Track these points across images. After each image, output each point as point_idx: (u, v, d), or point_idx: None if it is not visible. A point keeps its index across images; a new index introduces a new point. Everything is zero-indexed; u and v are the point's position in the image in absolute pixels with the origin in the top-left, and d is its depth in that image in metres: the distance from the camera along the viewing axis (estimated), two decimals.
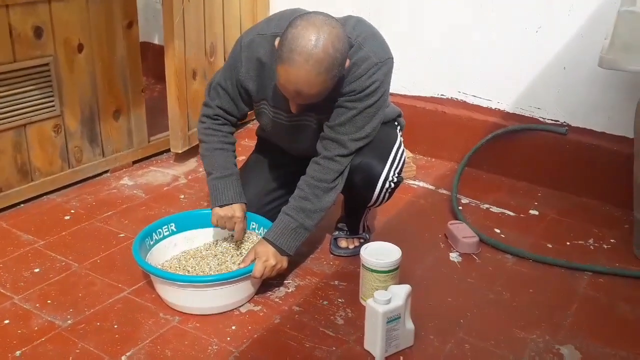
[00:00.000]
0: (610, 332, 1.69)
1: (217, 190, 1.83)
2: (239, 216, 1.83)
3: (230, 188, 1.83)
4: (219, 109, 1.85)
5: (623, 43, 1.74)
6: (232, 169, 1.86)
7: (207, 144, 1.87)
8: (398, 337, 1.55)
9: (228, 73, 1.81)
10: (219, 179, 1.84)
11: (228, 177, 1.84)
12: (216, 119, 1.87)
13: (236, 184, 1.85)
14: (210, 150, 1.87)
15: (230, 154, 1.89)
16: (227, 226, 1.84)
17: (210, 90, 1.87)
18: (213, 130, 1.87)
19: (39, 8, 2.16)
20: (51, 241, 2.04)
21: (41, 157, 2.30)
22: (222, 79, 1.83)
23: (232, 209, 1.83)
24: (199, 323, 1.66)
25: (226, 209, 1.82)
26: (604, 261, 2.02)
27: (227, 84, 1.82)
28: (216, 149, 1.86)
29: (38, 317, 1.68)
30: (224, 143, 1.87)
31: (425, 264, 1.98)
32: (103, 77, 2.44)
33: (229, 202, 1.82)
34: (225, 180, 1.84)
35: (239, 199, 1.84)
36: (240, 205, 1.84)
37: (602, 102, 2.38)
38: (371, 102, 1.71)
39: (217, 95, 1.85)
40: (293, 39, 1.52)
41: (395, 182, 1.82)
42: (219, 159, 1.86)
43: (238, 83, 1.80)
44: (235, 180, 1.86)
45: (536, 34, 2.44)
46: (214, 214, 1.84)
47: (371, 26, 1.75)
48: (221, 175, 1.84)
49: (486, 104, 2.64)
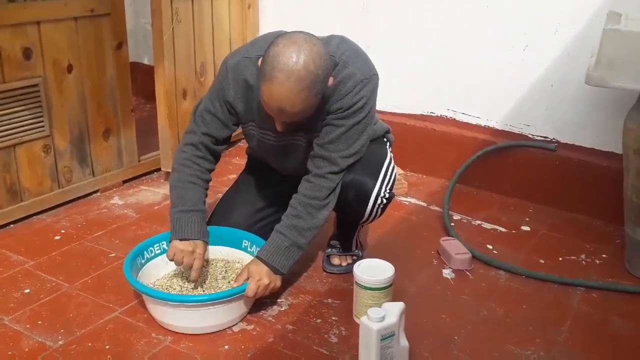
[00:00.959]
0: (604, 347, 1.69)
1: (181, 224, 1.75)
2: (200, 252, 1.75)
3: (195, 223, 1.76)
4: (205, 136, 1.81)
5: (608, 60, 1.77)
6: (200, 205, 1.80)
7: (180, 174, 1.81)
8: (392, 355, 1.54)
9: (215, 95, 1.80)
10: (186, 212, 1.76)
11: (195, 213, 1.77)
12: (199, 148, 1.82)
13: (203, 222, 1.78)
14: (183, 182, 1.80)
15: (202, 191, 1.82)
16: (184, 262, 1.74)
17: (196, 117, 1.83)
18: (191, 162, 1.81)
19: (28, 29, 2.16)
20: (41, 261, 2.02)
21: (31, 178, 2.28)
22: (209, 103, 1.81)
23: (195, 244, 1.75)
24: (192, 343, 1.65)
25: (187, 243, 1.74)
26: (597, 276, 2.03)
27: (216, 106, 1.80)
28: (189, 182, 1.80)
29: (29, 338, 1.65)
30: (198, 178, 1.81)
31: (419, 280, 1.98)
32: (93, 97, 2.43)
33: (192, 237, 1.75)
34: (192, 215, 1.76)
35: (203, 236, 1.77)
36: (203, 244, 1.77)
37: (590, 119, 2.41)
38: (359, 119, 1.72)
39: (203, 121, 1.81)
40: (274, 57, 1.53)
41: (387, 197, 1.82)
42: (190, 193, 1.79)
43: (227, 104, 1.79)
44: (202, 218, 1.79)
45: (524, 52, 2.47)
46: (172, 247, 1.74)
47: (354, 44, 1.77)
48: (188, 209, 1.77)
49: (475, 121, 2.66)
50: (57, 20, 2.24)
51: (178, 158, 1.84)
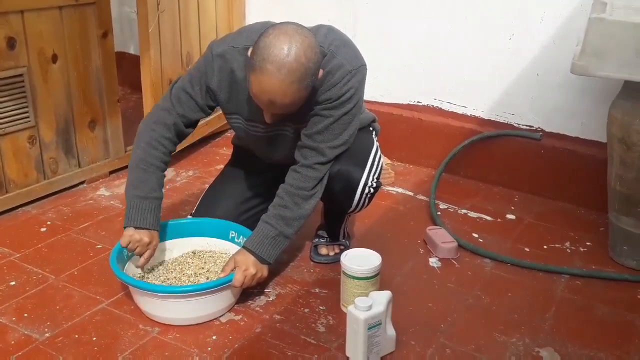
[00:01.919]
0: (589, 334, 1.71)
1: (139, 210, 1.74)
2: (155, 244, 1.77)
3: (153, 212, 1.75)
4: (179, 117, 1.78)
5: (593, 49, 1.77)
6: (159, 192, 1.78)
7: (146, 155, 1.76)
8: (379, 343, 1.55)
9: (196, 78, 1.77)
10: (144, 199, 1.74)
11: (153, 200, 1.76)
12: (170, 129, 1.78)
13: (158, 210, 1.77)
14: (146, 164, 1.76)
15: (163, 176, 1.80)
16: (138, 250, 1.74)
17: (171, 96, 1.79)
18: (159, 143, 1.77)
19: (12, 18, 2.14)
20: (27, 253, 2.01)
21: (16, 169, 2.26)
22: (189, 84, 1.77)
23: (150, 234, 1.75)
24: (179, 334, 1.65)
25: (144, 232, 1.74)
26: (581, 264, 2.05)
27: (195, 89, 1.77)
28: (153, 165, 1.77)
29: (14, 331, 1.65)
30: (162, 162, 1.79)
31: (405, 269, 1.99)
32: (78, 87, 2.41)
33: (147, 226, 1.74)
34: (150, 202, 1.75)
35: (157, 226, 1.77)
36: (157, 234, 1.78)
37: (575, 108, 2.42)
38: (347, 110, 1.71)
39: (179, 101, 1.78)
40: (265, 48, 1.52)
41: (374, 187, 1.83)
42: (152, 177, 1.76)
43: (208, 90, 1.77)
44: (158, 205, 1.77)
45: (509, 41, 2.48)
46: (126, 234, 1.73)
47: (343, 34, 1.76)
48: (147, 196, 1.75)
49: (462, 111, 2.67)
50: (41, 9, 2.22)
51: (145, 135, 1.78)
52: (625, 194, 1.95)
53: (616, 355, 1.62)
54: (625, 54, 1.73)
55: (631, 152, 1.89)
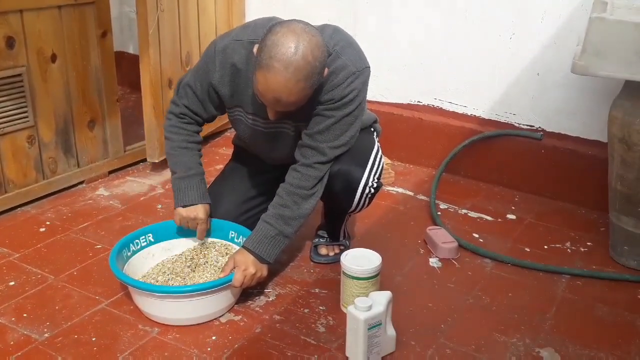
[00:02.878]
0: (589, 334, 1.70)
1: (180, 190, 1.83)
2: (202, 218, 1.84)
3: (193, 188, 1.83)
4: (186, 109, 1.84)
5: (594, 49, 1.77)
6: (196, 168, 1.86)
7: (172, 142, 1.86)
8: (379, 343, 1.55)
9: (199, 75, 1.79)
10: (183, 178, 1.83)
11: (192, 177, 1.83)
12: (182, 117, 1.85)
13: (200, 184, 1.85)
14: (175, 149, 1.85)
15: (196, 153, 1.88)
16: (189, 226, 1.85)
17: (179, 89, 1.85)
18: (179, 128, 1.86)
19: (11, 18, 2.13)
20: (26, 254, 2.01)
21: (15, 169, 2.26)
22: (192, 80, 1.81)
23: (196, 209, 1.83)
24: (179, 334, 1.65)
25: (189, 209, 1.83)
26: (581, 264, 2.05)
27: (197, 85, 1.80)
28: (181, 148, 1.85)
29: (14, 331, 1.64)
30: (188, 142, 1.86)
31: (405, 270, 1.99)
32: (77, 87, 2.41)
33: (192, 202, 1.82)
34: (188, 180, 1.83)
35: (202, 199, 1.84)
36: (204, 207, 1.85)
37: (576, 108, 2.42)
38: (349, 111, 1.71)
39: (186, 95, 1.83)
40: (273, 46, 1.52)
41: (375, 187, 1.82)
42: (183, 158, 1.85)
43: (210, 86, 1.78)
44: (200, 180, 1.85)
45: (510, 41, 2.47)
46: (176, 214, 1.84)
47: (348, 35, 1.76)
48: (185, 175, 1.83)
49: (462, 111, 2.66)
50: (41, 8, 2.21)
51: (166, 126, 1.88)
52: (626, 194, 1.95)
53: (616, 355, 1.62)
54: (626, 54, 1.73)
55: (632, 151, 1.88)
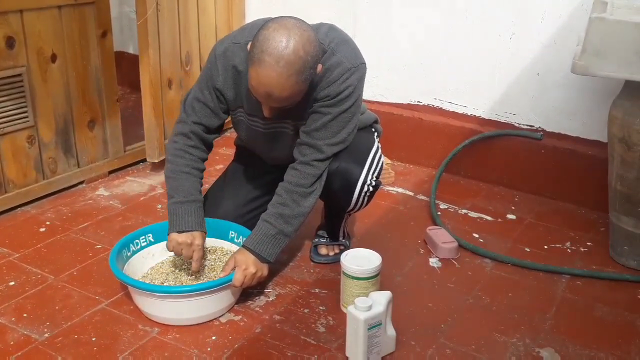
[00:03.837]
0: (589, 334, 1.70)
1: (177, 216, 1.74)
2: (199, 244, 1.74)
3: (192, 214, 1.75)
4: (196, 125, 1.80)
5: (594, 49, 1.77)
6: (196, 195, 1.78)
7: (174, 165, 1.79)
8: (379, 343, 1.55)
9: (204, 83, 1.79)
10: (181, 203, 1.75)
11: (191, 203, 1.76)
12: (190, 137, 1.80)
13: (199, 212, 1.77)
14: (176, 173, 1.78)
15: (197, 180, 1.81)
16: (184, 253, 1.74)
17: (186, 107, 1.82)
18: (184, 152, 1.80)
19: (11, 18, 2.13)
20: (26, 254, 2.01)
21: (15, 169, 2.26)
22: (199, 92, 1.79)
23: (192, 235, 1.73)
24: (179, 334, 1.65)
25: (185, 235, 1.73)
26: (581, 264, 2.04)
27: (205, 94, 1.79)
28: (183, 172, 1.78)
29: (14, 331, 1.64)
30: (192, 167, 1.80)
31: (405, 270, 1.99)
32: (77, 87, 2.41)
33: (189, 228, 1.73)
34: (187, 206, 1.75)
35: (199, 226, 1.76)
36: (201, 234, 1.76)
37: (576, 108, 2.42)
38: (346, 107, 1.71)
39: (193, 110, 1.80)
40: (264, 40, 1.53)
41: (373, 186, 1.82)
42: (184, 183, 1.77)
43: (216, 91, 1.78)
44: (198, 207, 1.77)
45: (510, 41, 2.47)
46: (170, 240, 1.74)
47: (343, 32, 1.76)
48: (184, 200, 1.75)
49: (462, 110, 2.66)
50: (41, 8, 2.21)
51: (170, 149, 1.82)
52: (625, 194, 1.95)
53: (616, 355, 1.62)
54: (626, 54, 1.73)
55: (632, 151, 1.88)
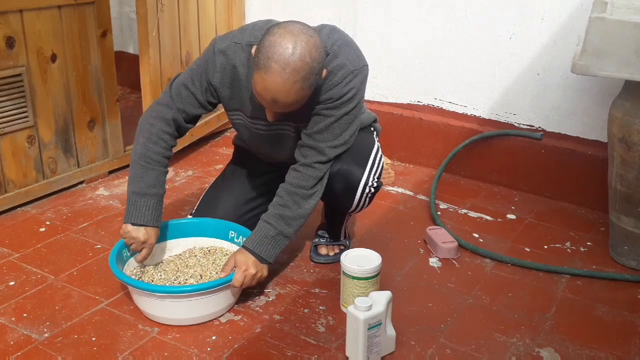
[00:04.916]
0: (589, 334, 1.70)
1: (136, 207, 1.74)
2: (151, 243, 1.76)
3: (150, 208, 1.74)
4: (179, 112, 1.78)
5: (594, 49, 1.77)
6: (158, 188, 1.77)
7: (147, 150, 1.75)
8: (379, 343, 1.55)
9: (197, 74, 1.76)
10: (142, 195, 1.74)
11: (152, 197, 1.75)
12: (170, 124, 1.78)
13: (158, 206, 1.76)
14: (147, 160, 1.75)
15: (163, 171, 1.79)
16: (133, 247, 1.76)
17: (172, 91, 1.79)
18: (159, 138, 1.76)
19: (11, 18, 2.13)
20: (26, 253, 2.01)
21: (15, 169, 2.26)
22: (190, 80, 1.77)
23: (147, 232, 1.74)
24: (179, 334, 1.65)
25: (140, 230, 1.73)
26: (581, 264, 2.05)
27: (196, 85, 1.76)
28: (154, 161, 1.76)
29: (14, 331, 1.64)
30: (163, 156, 1.78)
31: (405, 269, 1.99)
32: (77, 87, 2.41)
33: (145, 223, 1.74)
34: (147, 199, 1.74)
35: (155, 222, 1.76)
36: (155, 230, 1.77)
37: (576, 107, 2.42)
38: (348, 110, 1.71)
39: (179, 96, 1.77)
40: (270, 47, 1.52)
41: (375, 187, 1.82)
42: (151, 173, 1.75)
43: (210, 86, 1.76)
44: (158, 201, 1.77)
45: (510, 41, 2.47)
46: (125, 230, 1.74)
47: (345, 34, 1.76)
48: (146, 192, 1.74)
49: (462, 110, 2.66)
50: (41, 8, 2.21)
51: (145, 130, 1.77)
52: (625, 194, 1.95)
53: (616, 355, 1.62)
54: (626, 54, 1.73)
55: (632, 151, 1.88)
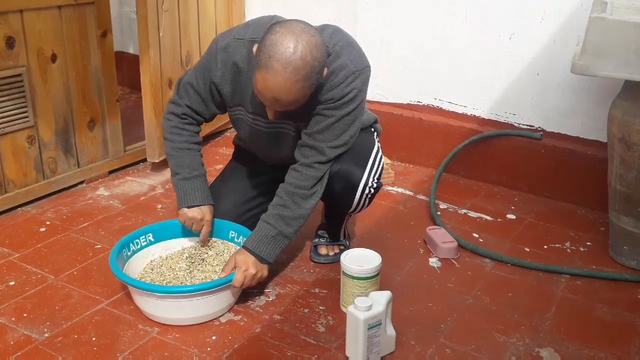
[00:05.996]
0: (589, 334, 1.70)
1: (185, 192, 1.84)
2: (208, 219, 1.86)
3: (198, 189, 1.84)
4: (188, 109, 1.84)
5: (594, 49, 1.77)
6: (199, 169, 1.87)
7: (173, 142, 1.86)
8: (379, 343, 1.55)
9: (201, 73, 1.79)
10: (187, 179, 1.84)
11: (196, 178, 1.85)
12: (184, 118, 1.85)
13: (203, 185, 1.86)
14: (177, 150, 1.86)
15: (197, 154, 1.88)
16: (194, 228, 1.86)
17: (179, 89, 1.85)
18: (179, 129, 1.86)
19: (11, 18, 2.13)
20: (26, 253, 2.01)
21: (15, 169, 2.26)
22: (194, 78, 1.81)
23: (202, 211, 1.85)
24: (179, 334, 1.65)
25: (195, 210, 1.84)
26: (581, 264, 2.05)
27: (199, 83, 1.80)
28: (183, 149, 1.85)
29: (14, 331, 1.64)
30: (190, 143, 1.86)
31: (405, 269, 1.99)
32: (77, 87, 2.41)
33: (197, 203, 1.84)
34: (193, 182, 1.84)
35: (207, 200, 1.86)
36: (209, 207, 1.87)
37: (575, 107, 2.42)
38: (349, 110, 1.71)
39: (187, 94, 1.83)
40: (272, 46, 1.52)
41: (375, 187, 1.83)
42: (186, 159, 1.85)
43: (212, 84, 1.78)
44: (203, 181, 1.87)
45: (510, 41, 2.47)
46: (182, 214, 1.85)
47: (348, 35, 1.76)
48: (189, 176, 1.84)
49: (462, 111, 2.66)
50: (41, 8, 2.22)
51: (166, 126, 1.87)
52: (625, 194, 1.95)
53: (616, 355, 1.62)
54: (626, 54, 1.73)
55: (631, 151, 1.89)
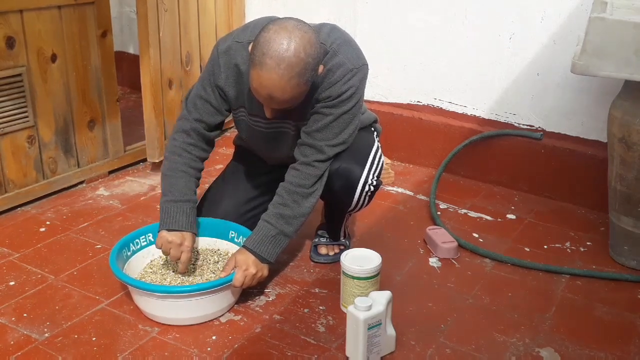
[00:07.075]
0: (589, 334, 1.70)
1: (169, 214, 1.73)
2: (188, 245, 1.72)
3: (183, 214, 1.74)
4: (197, 123, 1.80)
5: (594, 49, 1.77)
6: (190, 195, 1.77)
7: (171, 163, 1.79)
8: (379, 343, 1.55)
9: (207, 80, 1.79)
10: (174, 202, 1.74)
11: (184, 203, 1.75)
12: (190, 135, 1.80)
13: (191, 212, 1.76)
14: (173, 171, 1.78)
15: (193, 180, 1.80)
16: (171, 253, 1.72)
17: (187, 104, 1.82)
18: (182, 150, 1.79)
19: (11, 18, 2.13)
20: (26, 253, 2.01)
21: (15, 169, 2.26)
22: (201, 89, 1.80)
23: (182, 235, 1.72)
24: (179, 334, 1.65)
25: (175, 234, 1.71)
26: (581, 264, 2.05)
27: (208, 91, 1.79)
28: (179, 170, 1.78)
29: (14, 331, 1.64)
30: (189, 166, 1.79)
31: (405, 269, 1.99)
32: (77, 87, 2.41)
33: (179, 228, 1.72)
34: (180, 205, 1.74)
35: (191, 228, 1.75)
36: (191, 235, 1.75)
37: (575, 107, 2.42)
38: (347, 108, 1.71)
39: (195, 107, 1.80)
40: (265, 43, 1.53)
41: (374, 185, 1.83)
42: (179, 182, 1.77)
43: (218, 89, 1.78)
44: (191, 208, 1.76)
45: (510, 41, 2.47)
46: (160, 237, 1.72)
47: (345, 33, 1.76)
48: (177, 199, 1.75)
49: (462, 110, 2.66)
50: (41, 8, 2.22)
51: (169, 147, 1.82)
52: (625, 194, 1.95)
53: (616, 355, 1.62)
54: (626, 54, 1.73)
55: (631, 151, 1.89)
